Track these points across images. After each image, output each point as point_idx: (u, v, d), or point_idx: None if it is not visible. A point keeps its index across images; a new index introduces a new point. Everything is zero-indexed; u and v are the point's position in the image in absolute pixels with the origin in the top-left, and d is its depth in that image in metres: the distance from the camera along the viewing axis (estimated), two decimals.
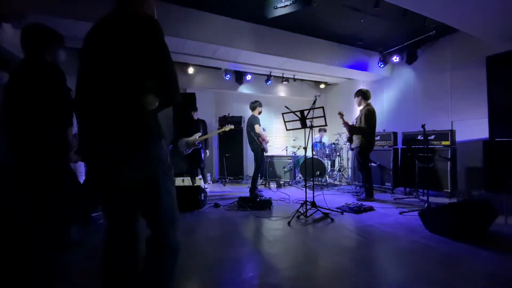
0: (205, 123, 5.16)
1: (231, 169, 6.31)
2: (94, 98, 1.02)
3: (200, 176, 5.12)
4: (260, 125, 4.34)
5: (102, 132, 1.00)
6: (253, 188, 4.28)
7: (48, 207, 1.87)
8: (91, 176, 2.95)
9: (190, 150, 4.74)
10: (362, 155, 4.04)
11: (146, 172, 1.02)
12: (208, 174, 5.62)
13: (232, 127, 4.91)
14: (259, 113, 4.47)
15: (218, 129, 4.39)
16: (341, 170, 6.34)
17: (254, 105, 4.42)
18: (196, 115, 5.04)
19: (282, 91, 7.56)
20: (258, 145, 4.30)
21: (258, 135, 4.29)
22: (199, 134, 4.81)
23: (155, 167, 1.03)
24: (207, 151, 5.27)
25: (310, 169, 4.47)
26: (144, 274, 1.03)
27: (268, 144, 4.56)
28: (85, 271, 1.83)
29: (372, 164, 4.68)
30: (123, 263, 1.06)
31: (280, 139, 7.57)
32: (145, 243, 1.07)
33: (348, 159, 6.49)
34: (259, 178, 4.75)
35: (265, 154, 4.53)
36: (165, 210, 1.06)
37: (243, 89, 7.10)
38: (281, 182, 5.74)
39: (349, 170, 6.16)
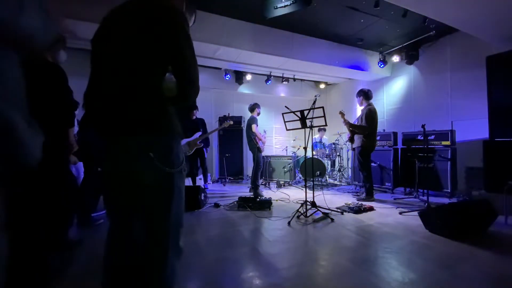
0: (204, 121, 5.16)
1: (231, 169, 6.31)
2: (105, 94, 0.98)
3: (201, 176, 5.12)
4: (257, 125, 4.47)
5: (110, 130, 0.97)
6: (255, 187, 4.34)
7: (48, 207, 1.87)
8: (93, 175, 2.94)
9: (192, 151, 4.77)
10: (363, 155, 4.05)
11: (158, 172, 0.96)
12: (208, 174, 5.62)
13: (231, 122, 4.95)
14: (258, 114, 4.61)
15: (218, 127, 4.47)
16: (341, 170, 6.34)
17: (253, 107, 4.59)
18: (195, 115, 5.05)
19: (282, 91, 7.55)
20: (254, 144, 4.39)
21: (254, 135, 4.41)
22: (199, 133, 4.83)
23: (169, 167, 0.97)
24: (208, 149, 5.28)
25: (310, 169, 4.47)
26: (143, 276, 1.01)
27: (266, 144, 4.63)
28: (85, 271, 1.83)
29: (372, 164, 4.68)
30: (123, 265, 1.04)
31: (280, 139, 7.57)
32: (144, 247, 1.02)
33: (348, 159, 6.49)
34: (260, 177, 4.77)
35: (262, 153, 4.61)
36: (171, 214, 1.00)
37: (243, 89, 7.10)
38: (281, 182, 5.74)
39: (349, 170, 6.16)
